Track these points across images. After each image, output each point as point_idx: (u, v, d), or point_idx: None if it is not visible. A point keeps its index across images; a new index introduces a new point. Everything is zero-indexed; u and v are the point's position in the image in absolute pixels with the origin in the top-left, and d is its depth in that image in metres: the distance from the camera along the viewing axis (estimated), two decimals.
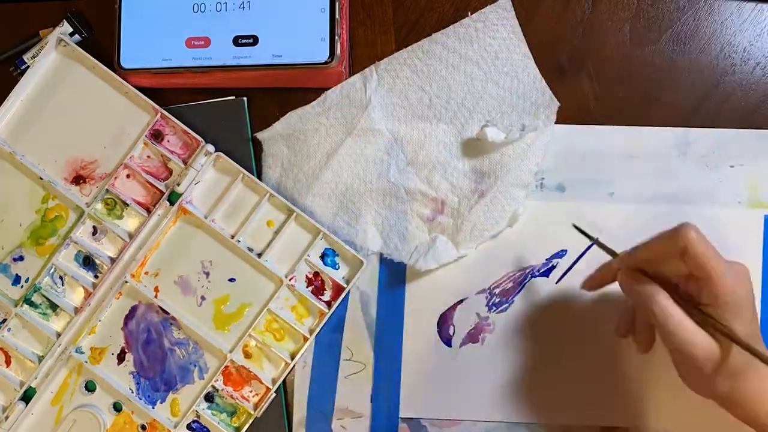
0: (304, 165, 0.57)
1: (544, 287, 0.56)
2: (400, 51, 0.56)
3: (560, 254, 0.56)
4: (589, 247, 0.54)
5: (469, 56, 0.55)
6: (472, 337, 0.56)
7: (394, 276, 0.57)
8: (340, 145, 0.56)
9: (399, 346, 0.56)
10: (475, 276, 0.56)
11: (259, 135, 0.57)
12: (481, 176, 0.55)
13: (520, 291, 0.56)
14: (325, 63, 0.54)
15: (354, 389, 0.57)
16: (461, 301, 0.56)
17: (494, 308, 0.56)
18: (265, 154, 0.57)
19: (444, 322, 0.56)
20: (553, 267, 0.56)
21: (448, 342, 0.56)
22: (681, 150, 0.55)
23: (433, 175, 0.56)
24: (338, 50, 0.54)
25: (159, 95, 0.57)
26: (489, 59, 0.55)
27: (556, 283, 0.56)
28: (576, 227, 0.52)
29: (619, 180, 0.55)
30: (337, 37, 0.54)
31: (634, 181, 0.55)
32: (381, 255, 0.56)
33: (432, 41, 0.56)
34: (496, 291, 0.56)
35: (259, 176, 0.57)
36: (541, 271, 0.56)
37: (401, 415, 0.56)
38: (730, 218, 0.54)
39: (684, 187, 0.55)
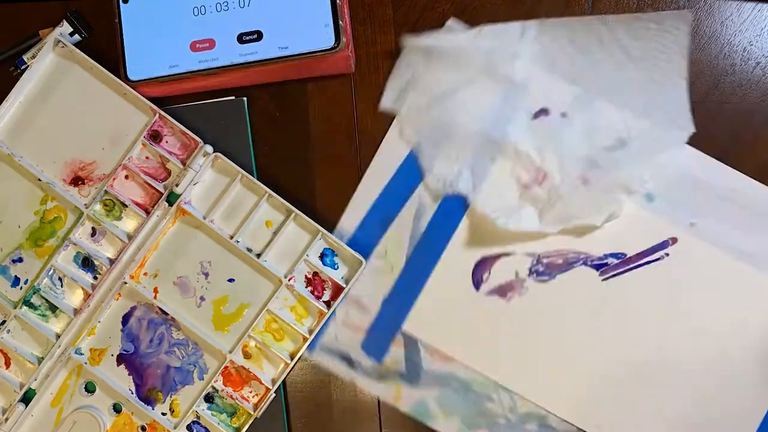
0: (432, 86, 0.56)
1: (589, 278, 0.55)
2: (569, 18, 0.55)
3: (618, 256, 0.55)
4: (650, 261, 0.54)
5: (628, 50, 0.54)
6: (501, 291, 0.56)
7: (457, 202, 0.56)
8: (473, 82, 0.55)
9: (431, 267, 0.56)
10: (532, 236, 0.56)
11: (406, 39, 0.56)
12: (592, 165, 0.54)
13: (565, 271, 0.56)
14: (332, 48, 0.54)
15: (373, 285, 0.57)
16: (507, 254, 0.56)
17: (535, 275, 0.56)
18: (401, 59, 0.56)
19: (482, 266, 0.56)
20: (607, 264, 0.55)
21: (477, 285, 0.56)
22: None
23: (546, 145, 0.55)
24: (343, 34, 0.54)
25: (160, 96, 0.57)
26: (646, 61, 0.54)
27: (602, 280, 0.55)
28: None
29: (705, 214, 0.54)
30: (340, 22, 0.54)
31: (718, 222, 0.54)
32: (465, 198, 0.56)
33: (602, 21, 0.54)
34: (544, 261, 0.56)
35: (384, 83, 0.57)
36: (594, 263, 0.55)
37: (404, 328, 0.57)
38: None
39: (763, 251, 0.54)
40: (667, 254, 0.55)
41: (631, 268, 0.55)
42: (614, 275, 0.55)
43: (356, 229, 0.57)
